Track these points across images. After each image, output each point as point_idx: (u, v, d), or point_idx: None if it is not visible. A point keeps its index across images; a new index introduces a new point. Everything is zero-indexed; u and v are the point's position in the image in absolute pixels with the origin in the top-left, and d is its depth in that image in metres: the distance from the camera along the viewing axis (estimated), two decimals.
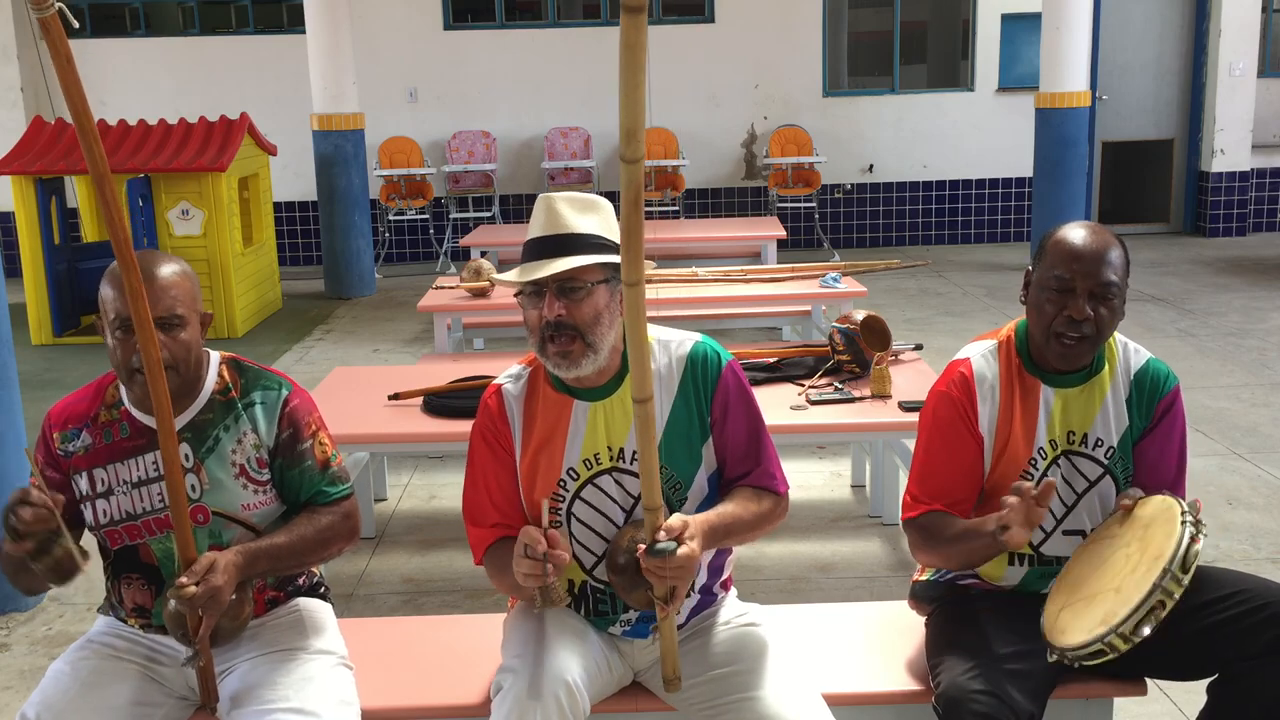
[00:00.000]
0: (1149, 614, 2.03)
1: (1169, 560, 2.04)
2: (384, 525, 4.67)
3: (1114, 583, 2.14)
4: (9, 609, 3.96)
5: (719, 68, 10.97)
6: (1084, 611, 2.14)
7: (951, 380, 2.40)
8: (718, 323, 6.25)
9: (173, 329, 2.22)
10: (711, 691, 2.20)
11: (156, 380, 2.05)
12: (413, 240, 11.20)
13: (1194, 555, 2.06)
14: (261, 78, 10.79)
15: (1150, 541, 2.13)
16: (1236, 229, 11.10)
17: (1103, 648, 2.06)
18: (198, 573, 2.09)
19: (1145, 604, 2.03)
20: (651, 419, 1.94)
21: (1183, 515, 2.11)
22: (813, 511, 4.62)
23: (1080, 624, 2.12)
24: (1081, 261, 2.25)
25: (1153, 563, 2.07)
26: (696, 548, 2.02)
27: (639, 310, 1.86)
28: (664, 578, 2.00)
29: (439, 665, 2.52)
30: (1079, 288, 2.25)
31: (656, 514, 2.01)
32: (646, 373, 1.91)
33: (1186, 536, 2.07)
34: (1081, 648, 2.08)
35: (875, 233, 11.33)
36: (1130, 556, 2.15)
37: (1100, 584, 2.17)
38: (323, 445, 2.37)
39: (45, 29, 1.79)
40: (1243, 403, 5.93)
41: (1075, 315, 2.25)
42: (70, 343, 8.11)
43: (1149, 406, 2.38)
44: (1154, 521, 2.18)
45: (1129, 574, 2.12)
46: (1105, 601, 2.11)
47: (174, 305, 2.22)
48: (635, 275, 1.82)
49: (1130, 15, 11.08)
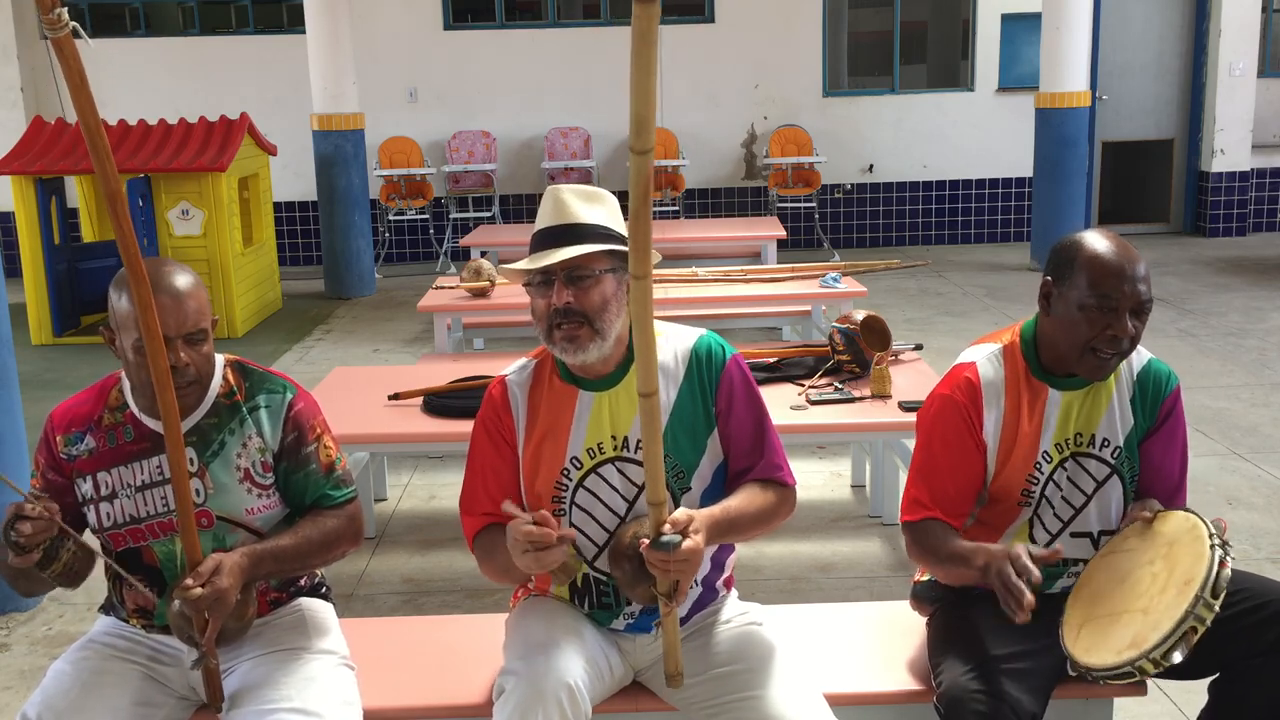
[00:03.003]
0: (1181, 639, 2.02)
1: (1200, 586, 2.03)
2: (384, 525, 4.67)
3: (1140, 603, 2.12)
4: (9, 609, 3.96)
5: (719, 68, 10.97)
6: (1109, 630, 2.13)
7: (957, 385, 2.38)
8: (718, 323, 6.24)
9: (199, 343, 2.21)
10: (713, 690, 2.20)
11: (165, 390, 2.05)
12: (413, 240, 11.20)
13: (1224, 580, 2.05)
14: (261, 78, 10.79)
15: (1177, 563, 2.12)
16: (1236, 229, 11.10)
17: (1131, 670, 2.05)
18: (203, 575, 2.09)
19: (1178, 630, 2.02)
20: (657, 413, 1.94)
21: (1210, 538, 2.10)
22: (813, 511, 4.62)
23: (1107, 644, 2.11)
24: (1124, 280, 2.24)
25: (1183, 587, 2.06)
26: (701, 541, 2.03)
27: (646, 304, 1.86)
28: (668, 571, 2.01)
29: (440, 665, 2.52)
30: (1122, 306, 2.24)
31: (661, 508, 2.01)
32: (652, 366, 1.90)
33: (1217, 561, 2.06)
34: (1109, 670, 2.07)
35: (875, 233, 11.33)
36: (1157, 576, 2.14)
37: (1125, 602, 2.16)
38: (327, 449, 2.37)
39: (59, 49, 1.77)
40: (1243, 403, 5.93)
41: (1120, 334, 2.24)
42: (70, 343, 8.11)
43: (1153, 407, 2.38)
44: (1178, 540, 2.17)
45: (1158, 595, 2.10)
46: (1133, 623, 2.10)
47: (199, 319, 2.20)
48: (643, 269, 1.81)
49: (1130, 15, 11.08)
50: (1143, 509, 2.29)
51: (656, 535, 2.00)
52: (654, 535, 2.01)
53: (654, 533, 2.01)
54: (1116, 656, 2.06)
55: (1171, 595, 2.07)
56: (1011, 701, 2.09)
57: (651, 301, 1.87)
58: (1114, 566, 2.26)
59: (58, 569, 2.13)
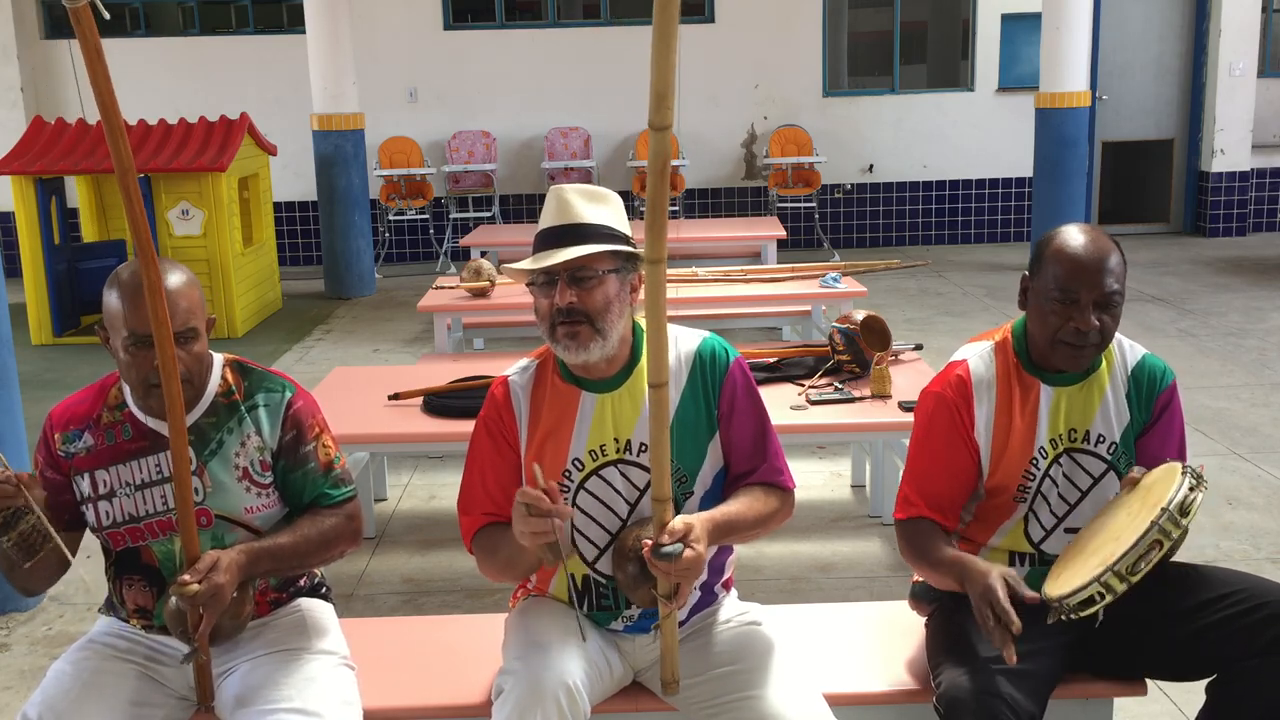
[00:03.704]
0: (1146, 552, 2.02)
1: (1167, 501, 2.04)
2: (384, 525, 4.67)
3: (1114, 535, 2.14)
4: (9, 609, 3.97)
5: (719, 68, 10.96)
6: (1082, 564, 2.15)
7: (947, 382, 2.39)
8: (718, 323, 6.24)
9: (188, 342, 2.20)
10: (712, 690, 2.20)
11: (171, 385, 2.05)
12: (413, 240, 11.20)
13: (1193, 503, 2.06)
14: (261, 78, 10.79)
15: (1150, 496, 2.14)
16: (1236, 229, 11.09)
17: (1100, 589, 2.04)
18: (201, 570, 2.09)
19: (1142, 541, 2.02)
20: (666, 404, 1.92)
21: (1184, 471, 2.12)
22: (813, 511, 4.62)
23: (1078, 574, 2.12)
24: (1086, 273, 2.25)
25: (1152, 510, 2.08)
26: (702, 549, 2.03)
27: (660, 289, 1.80)
28: (669, 575, 2.01)
29: (439, 665, 2.52)
30: (1084, 299, 2.25)
31: (665, 506, 2.00)
32: (664, 356, 1.87)
33: (1186, 484, 2.08)
34: (1077, 592, 2.06)
35: (875, 233, 11.33)
36: (1132, 513, 2.16)
37: (1100, 541, 2.18)
38: (326, 448, 2.37)
39: (76, 19, 1.79)
40: (1243, 403, 5.93)
41: (1082, 328, 2.26)
42: (70, 343, 8.11)
43: (1148, 402, 2.38)
44: (1156, 483, 2.19)
45: (1128, 524, 2.12)
46: (1103, 549, 2.12)
47: (188, 318, 2.19)
48: (657, 252, 1.75)
49: (1130, 15, 11.08)
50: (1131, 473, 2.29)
51: (657, 545, 1.99)
52: (657, 533, 2.00)
53: (658, 529, 2.00)
54: (1083, 579, 2.07)
55: (1142, 519, 2.08)
56: (1010, 702, 2.09)
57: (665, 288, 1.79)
58: (1098, 523, 2.29)
59: (13, 537, 2.10)
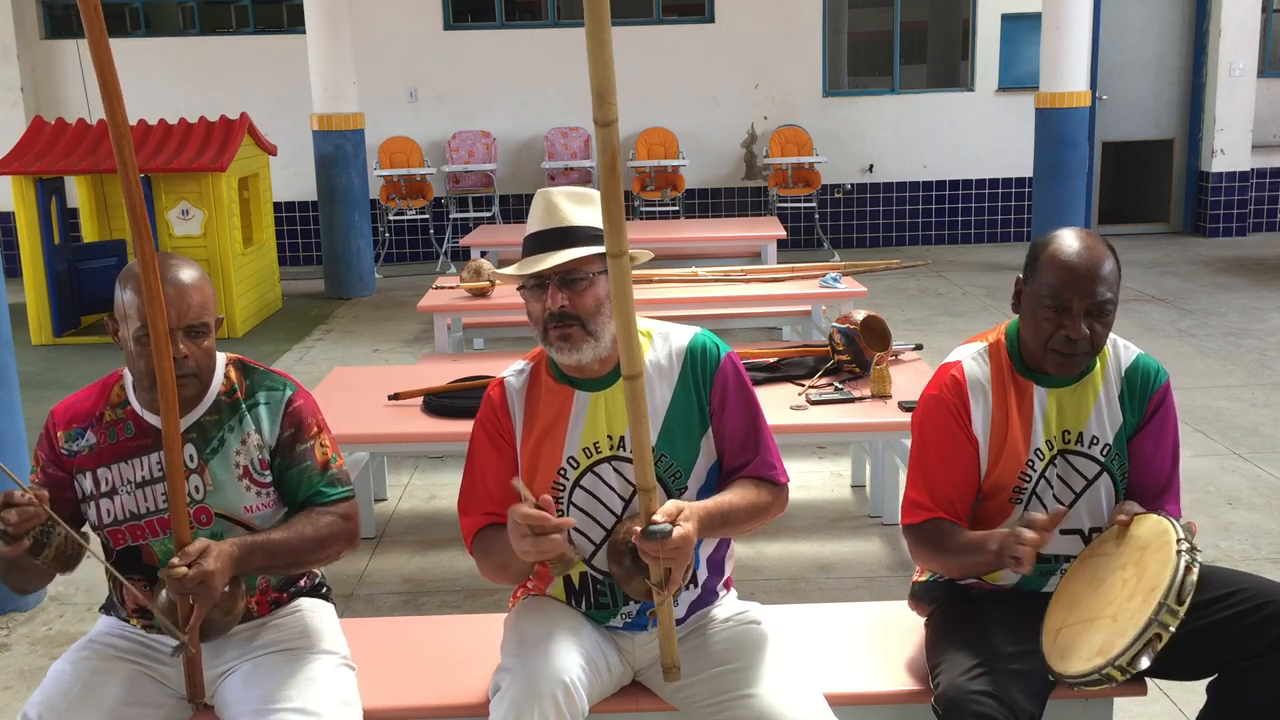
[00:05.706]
0: (1145, 646, 2.03)
1: (1164, 593, 2.03)
2: (384, 525, 4.67)
3: (1110, 609, 2.14)
4: (9, 609, 3.96)
5: (719, 68, 10.97)
6: (1082, 637, 2.14)
7: (943, 384, 2.40)
8: (718, 323, 6.24)
9: (200, 336, 2.21)
10: (712, 689, 2.20)
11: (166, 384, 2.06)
12: (413, 240, 11.20)
13: (1190, 585, 2.05)
14: (261, 78, 10.79)
15: (1146, 568, 2.13)
16: (1236, 229, 11.09)
17: (1100, 678, 2.06)
18: (191, 554, 2.08)
19: (1142, 637, 2.02)
20: (642, 396, 1.93)
21: (1178, 543, 2.11)
22: (813, 511, 4.62)
23: (1079, 651, 2.12)
24: (1078, 282, 2.24)
25: (1149, 593, 2.06)
26: (691, 530, 2.02)
27: (624, 283, 1.83)
28: (659, 559, 2.00)
29: (439, 665, 2.52)
30: (1075, 308, 2.25)
31: (650, 495, 2.00)
32: (635, 348, 1.89)
33: (1182, 566, 2.06)
34: (1081, 676, 2.08)
35: (875, 233, 11.33)
36: (1127, 582, 2.15)
37: (1097, 608, 2.17)
38: (324, 447, 2.37)
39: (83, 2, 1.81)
40: (1243, 403, 5.93)
41: (1073, 335, 2.25)
42: (70, 343, 8.11)
43: (1141, 402, 2.38)
44: (1149, 545, 2.17)
45: (1125, 601, 2.11)
46: (1102, 630, 2.11)
47: (201, 313, 2.21)
48: (619, 245, 1.78)
49: (1130, 15, 11.08)
50: (1121, 511, 2.29)
51: (647, 524, 2.00)
52: (644, 523, 2.00)
53: (644, 520, 2.01)
54: (1086, 664, 2.08)
55: (1138, 603, 2.08)
56: (1009, 702, 2.09)
57: (630, 280, 1.83)
58: (1090, 570, 2.27)
59: (50, 554, 2.11)
